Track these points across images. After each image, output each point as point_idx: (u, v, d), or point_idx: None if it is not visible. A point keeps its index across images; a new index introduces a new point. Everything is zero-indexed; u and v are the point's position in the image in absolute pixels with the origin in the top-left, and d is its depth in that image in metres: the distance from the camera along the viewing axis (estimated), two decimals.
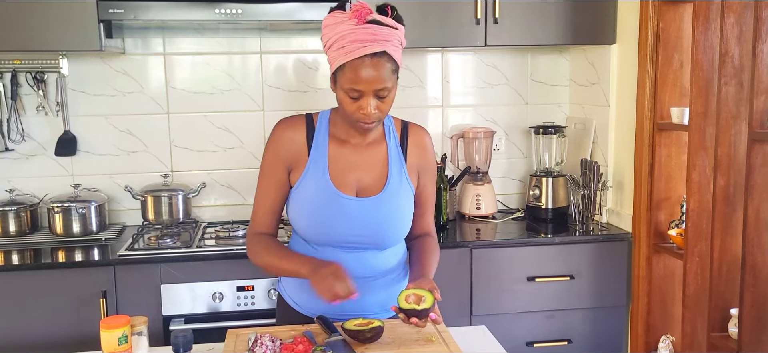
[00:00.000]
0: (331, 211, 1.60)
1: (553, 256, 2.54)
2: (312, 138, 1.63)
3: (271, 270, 1.65)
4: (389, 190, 1.63)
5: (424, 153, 1.71)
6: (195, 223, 2.77)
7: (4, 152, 2.69)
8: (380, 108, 1.53)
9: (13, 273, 2.29)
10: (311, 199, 1.61)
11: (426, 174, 1.72)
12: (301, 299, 1.70)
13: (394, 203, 1.63)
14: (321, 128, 1.65)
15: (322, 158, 1.62)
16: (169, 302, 2.34)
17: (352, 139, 1.64)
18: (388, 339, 1.51)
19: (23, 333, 2.27)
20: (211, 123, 2.84)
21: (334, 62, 1.51)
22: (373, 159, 1.64)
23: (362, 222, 1.60)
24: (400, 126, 1.71)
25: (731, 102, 2.04)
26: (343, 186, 1.61)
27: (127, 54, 2.75)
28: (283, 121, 1.67)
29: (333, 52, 1.50)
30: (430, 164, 1.73)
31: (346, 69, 1.48)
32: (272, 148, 1.65)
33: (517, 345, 2.53)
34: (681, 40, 2.38)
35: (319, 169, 1.61)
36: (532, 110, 3.04)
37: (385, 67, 1.48)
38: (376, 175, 1.64)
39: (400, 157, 1.67)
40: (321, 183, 1.60)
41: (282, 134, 1.64)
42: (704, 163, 2.16)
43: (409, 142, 1.69)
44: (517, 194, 3.10)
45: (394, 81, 1.53)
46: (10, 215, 2.58)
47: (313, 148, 1.62)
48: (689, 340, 2.22)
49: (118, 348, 1.43)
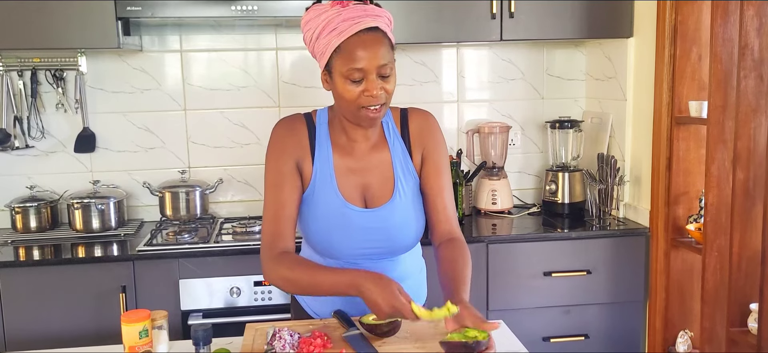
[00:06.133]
0: (341, 224, 1.55)
1: (570, 251, 2.53)
2: (314, 138, 1.57)
3: (311, 291, 1.51)
4: (398, 197, 1.57)
5: (427, 134, 1.62)
6: (212, 219, 2.79)
7: (24, 149, 2.73)
8: (385, 88, 1.46)
9: (34, 268, 2.33)
10: (321, 213, 1.56)
11: (431, 156, 1.61)
12: (315, 304, 1.69)
13: (404, 209, 1.58)
14: (321, 129, 1.58)
15: (328, 168, 1.56)
16: (187, 297, 2.36)
17: (355, 146, 1.58)
18: (406, 334, 1.51)
19: (44, 327, 2.31)
20: (228, 119, 2.86)
21: (326, 50, 1.44)
22: (378, 165, 1.59)
23: (374, 232, 1.56)
24: (399, 116, 1.64)
25: (751, 95, 2.02)
26: (351, 198, 1.56)
27: (144, 51, 2.78)
28: (282, 121, 1.60)
29: (323, 40, 1.44)
30: (434, 144, 1.62)
31: (342, 51, 1.42)
32: (277, 150, 1.56)
33: (533, 340, 2.53)
34: (699, 33, 2.35)
35: (327, 180, 1.55)
36: (548, 105, 3.03)
37: (382, 43, 1.44)
38: (383, 182, 1.58)
39: (404, 150, 1.60)
40: (330, 197, 1.55)
41: (285, 134, 1.58)
42: (723, 156, 2.14)
43: (411, 128, 1.62)
44: (533, 189, 3.08)
45: (392, 61, 1.47)
46: (31, 211, 2.61)
47: (316, 156, 1.56)
48: (708, 335, 2.20)
49: (139, 342, 1.44)
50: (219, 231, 2.58)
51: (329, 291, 1.46)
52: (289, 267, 1.49)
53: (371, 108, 1.46)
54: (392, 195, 1.58)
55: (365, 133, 1.58)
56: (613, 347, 2.60)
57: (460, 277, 1.50)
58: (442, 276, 1.53)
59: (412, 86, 2.92)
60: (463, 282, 1.49)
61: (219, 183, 2.81)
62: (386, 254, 1.61)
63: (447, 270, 1.53)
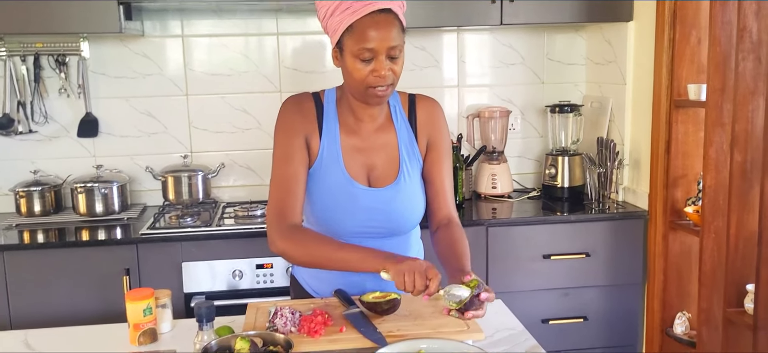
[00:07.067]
0: (345, 201, 1.58)
1: (569, 234, 2.55)
2: (321, 116, 1.60)
3: (324, 264, 1.51)
4: (402, 180, 1.61)
5: (433, 123, 1.66)
6: (214, 203, 2.81)
7: (28, 134, 2.75)
8: (393, 70, 1.49)
9: (39, 251, 2.35)
10: (327, 190, 1.58)
11: (436, 145, 1.65)
12: (314, 283, 1.72)
13: (408, 191, 1.61)
14: (329, 107, 1.61)
15: (335, 146, 1.59)
16: (189, 279, 2.38)
17: (361, 126, 1.61)
18: (405, 312, 1.54)
19: (49, 309, 2.34)
20: (229, 104, 2.87)
21: (339, 27, 1.47)
22: (384, 146, 1.62)
23: (376, 212, 1.59)
24: (407, 101, 1.67)
25: (749, 77, 2.03)
26: (357, 177, 1.59)
27: (146, 36, 2.79)
28: (291, 98, 1.63)
29: (336, 17, 1.47)
30: (440, 134, 1.66)
31: (354, 30, 1.45)
32: (286, 125, 1.58)
33: (532, 322, 2.55)
34: (699, 17, 2.36)
35: (333, 158, 1.58)
36: (549, 89, 3.04)
37: (394, 25, 1.46)
38: (388, 163, 1.62)
39: (410, 135, 1.64)
40: (336, 174, 1.58)
41: (294, 109, 1.60)
42: (721, 139, 2.15)
43: (418, 114, 1.65)
44: (533, 173, 3.10)
45: (402, 43, 1.50)
46: (35, 195, 2.64)
47: (324, 133, 1.59)
48: (705, 316, 2.22)
49: (143, 319, 1.47)
50: (221, 215, 2.61)
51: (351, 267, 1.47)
52: (312, 240, 1.51)
53: (379, 88, 1.49)
54: (397, 177, 1.61)
55: (372, 114, 1.61)
56: (611, 329, 2.63)
57: (463, 254, 1.54)
58: (444, 255, 1.57)
59: (413, 71, 2.93)
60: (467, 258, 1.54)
61: (221, 168, 2.83)
62: (387, 234, 1.63)
63: (449, 249, 1.57)
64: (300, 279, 1.76)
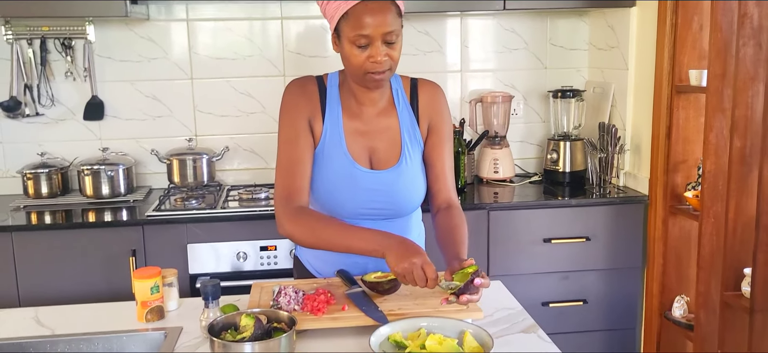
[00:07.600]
0: (348, 183, 1.60)
1: (570, 218, 2.58)
2: (325, 99, 1.62)
3: (329, 246, 1.53)
4: (404, 163, 1.63)
5: (435, 107, 1.67)
6: (219, 186, 2.84)
7: (35, 117, 2.78)
8: (390, 55, 1.50)
9: (47, 232, 2.39)
10: (329, 172, 1.61)
11: (437, 129, 1.67)
12: (317, 263, 1.75)
13: (410, 174, 1.64)
14: (332, 90, 1.63)
15: (338, 128, 1.61)
16: (194, 261, 2.42)
17: (363, 110, 1.63)
18: (406, 292, 1.57)
19: (56, 289, 2.38)
20: (234, 88, 2.90)
21: (336, 14, 1.48)
22: (386, 129, 1.64)
23: (378, 194, 1.61)
24: (409, 85, 1.68)
25: (749, 63, 2.04)
26: (359, 159, 1.61)
27: (151, 20, 2.81)
28: (295, 81, 1.65)
29: (333, 4, 1.49)
30: (441, 118, 1.68)
31: (350, 16, 1.46)
32: (291, 108, 1.61)
33: (532, 305, 2.58)
34: (700, 3, 2.37)
35: (336, 140, 1.60)
36: (551, 74, 3.05)
37: (389, 10, 1.47)
38: (390, 146, 1.64)
39: (412, 119, 1.66)
40: (338, 156, 1.60)
41: (298, 92, 1.62)
42: (721, 124, 2.17)
43: (420, 98, 1.67)
44: (534, 158, 3.12)
45: (399, 27, 1.51)
46: (42, 177, 2.67)
47: (327, 116, 1.61)
48: (703, 299, 2.25)
49: (150, 297, 1.50)
50: (226, 198, 2.64)
51: (353, 249, 1.49)
52: (319, 222, 1.53)
53: (376, 73, 1.51)
54: (398, 160, 1.63)
55: (373, 98, 1.63)
56: (611, 312, 2.66)
57: (461, 241, 1.57)
58: (443, 241, 1.60)
59: (416, 56, 2.95)
60: (464, 245, 1.57)
61: (225, 151, 2.85)
62: (388, 216, 1.66)
63: (448, 236, 1.59)
64: (303, 260, 1.79)
